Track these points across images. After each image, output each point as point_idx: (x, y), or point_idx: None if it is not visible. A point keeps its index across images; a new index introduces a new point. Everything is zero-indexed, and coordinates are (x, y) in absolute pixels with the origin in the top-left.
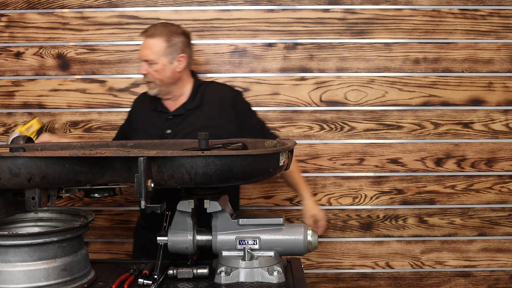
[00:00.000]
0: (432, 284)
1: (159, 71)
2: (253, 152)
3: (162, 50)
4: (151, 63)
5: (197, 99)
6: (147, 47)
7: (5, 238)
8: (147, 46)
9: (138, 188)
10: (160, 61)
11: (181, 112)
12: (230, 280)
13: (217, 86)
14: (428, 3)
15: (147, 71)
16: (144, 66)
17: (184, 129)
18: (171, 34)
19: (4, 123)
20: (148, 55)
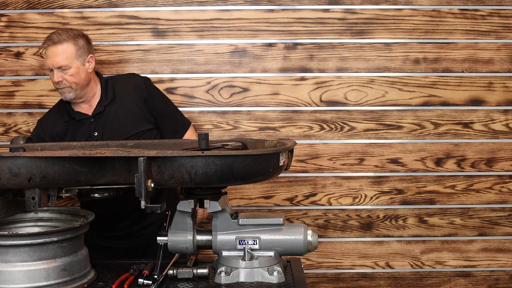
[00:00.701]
0: (432, 284)
1: (74, 75)
2: (253, 152)
3: (73, 54)
4: (65, 68)
5: (110, 93)
6: (58, 54)
7: (5, 238)
8: (57, 53)
9: (138, 188)
10: (73, 64)
11: (100, 110)
12: (230, 280)
13: (124, 77)
14: (428, 3)
15: (61, 77)
16: (57, 73)
17: (108, 126)
18: (76, 37)
19: (4, 123)
20: (61, 62)
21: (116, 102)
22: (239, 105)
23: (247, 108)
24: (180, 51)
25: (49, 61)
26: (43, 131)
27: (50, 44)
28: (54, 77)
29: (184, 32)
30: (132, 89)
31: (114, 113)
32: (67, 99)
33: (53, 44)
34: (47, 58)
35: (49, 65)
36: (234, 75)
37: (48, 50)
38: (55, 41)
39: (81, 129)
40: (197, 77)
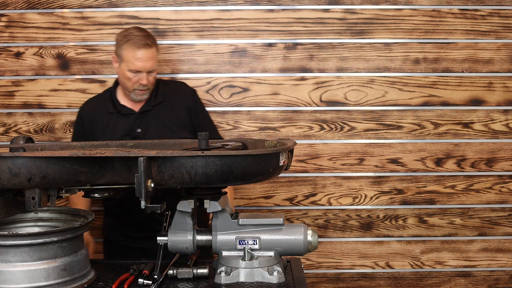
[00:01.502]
0: (432, 284)
1: (154, 77)
2: (253, 152)
3: (157, 58)
4: (151, 71)
5: (160, 95)
6: (150, 58)
7: (5, 238)
8: (150, 56)
9: (138, 188)
10: (156, 67)
11: (148, 109)
12: (230, 280)
13: (176, 84)
14: (428, 3)
15: (149, 81)
16: (146, 77)
17: (153, 125)
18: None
19: (4, 123)
20: (153, 65)
21: (164, 104)
22: (239, 105)
23: (247, 108)
24: (180, 51)
25: (140, 64)
26: (82, 119)
27: (143, 47)
28: (144, 80)
29: (184, 32)
30: (181, 96)
31: (160, 114)
32: (141, 100)
33: (146, 47)
34: (137, 61)
35: (140, 68)
36: (234, 75)
37: (138, 52)
38: (149, 44)
39: (124, 123)
40: (197, 77)
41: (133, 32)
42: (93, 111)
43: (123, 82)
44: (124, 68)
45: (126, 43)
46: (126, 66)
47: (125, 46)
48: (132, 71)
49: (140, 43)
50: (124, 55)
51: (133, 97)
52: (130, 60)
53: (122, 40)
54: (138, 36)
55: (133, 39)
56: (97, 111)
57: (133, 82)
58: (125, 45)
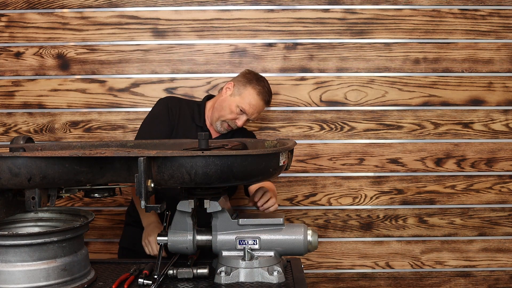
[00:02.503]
0: (432, 284)
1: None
2: (253, 152)
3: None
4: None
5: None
6: (260, 111)
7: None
8: (261, 110)
9: (138, 188)
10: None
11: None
12: (230, 280)
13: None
14: (428, 3)
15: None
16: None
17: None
18: None
19: (4, 123)
20: (256, 118)
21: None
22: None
23: None
24: (180, 51)
25: (252, 110)
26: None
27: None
28: (240, 121)
29: (184, 32)
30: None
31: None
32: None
33: (266, 104)
34: (253, 107)
35: (248, 112)
36: (234, 75)
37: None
38: (269, 101)
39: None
40: (197, 77)
41: (265, 84)
42: (180, 111)
43: (221, 109)
44: (235, 101)
45: (255, 86)
46: (240, 102)
47: (251, 88)
48: (239, 108)
49: (265, 97)
50: (246, 94)
51: (217, 126)
52: (248, 101)
53: (252, 81)
54: (268, 91)
55: (263, 89)
56: (184, 113)
57: (232, 118)
58: (252, 87)
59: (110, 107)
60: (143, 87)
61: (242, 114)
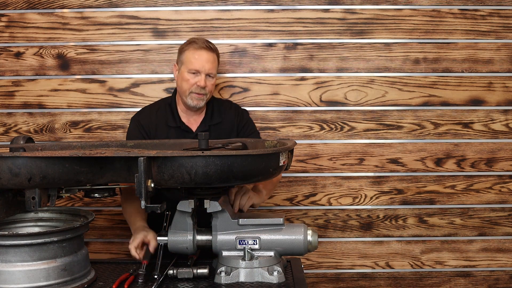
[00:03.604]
0: (432, 284)
1: (213, 85)
2: (253, 152)
3: (217, 65)
4: (210, 76)
5: (216, 115)
6: (210, 61)
7: (5, 238)
8: (210, 59)
9: (138, 188)
10: (215, 75)
11: (204, 129)
12: (230, 280)
13: (226, 105)
14: (428, 3)
15: (206, 84)
16: (205, 78)
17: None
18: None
19: (4, 123)
20: (212, 69)
21: (221, 126)
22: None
23: (247, 108)
24: None
25: (199, 65)
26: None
27: (205, 48)
28: (201, 81)
29: (184, 32)
30: (233, 117)
31: (218, 136)
32: (197, 106)
33: (208, 50)
34: (197, 61)
35: (198, 68)
36: (234, 75)
37: (200, 53)
38: (211, 47)
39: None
40: None
41: (196, 38)
42: (153, 122)
43: (180, 86)
44: (183, 71)
45: (188, 45)
46: (186, 67)
47: (186, 49)
48: (190, 71)
49: (202, 45)
50: (185, 57)
51: (188, 102)
52: (190, 60)
53: (184, 46)
54: (201, 39)
55: (195, 41)
56: (157, 122)
57: (191, 84)
58: (186, 48)
59: (110, 107)
60: (143, 87)
61: (196, 74)
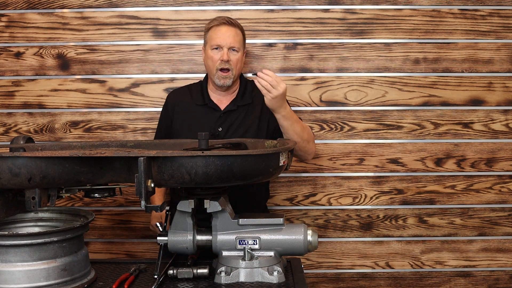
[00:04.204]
0: (432, 284)
1: (239, 60)
2: (253, 152)
3: (242, 41)
4: (235, 50)
5: (247, 96)
6: (233, 35)
7: (5, 238)
8: (233, 34)
9: (138, 188)
10: (240, 50)
11: (232, 108)
12: (230, 280)
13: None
14: (428, 3)
15: (229, 57)
16: (227, 52)
17: (235, 127)
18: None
19: (4, 123)
20: (234, 42)
21: (250, 107)
22: None
23: None
24: (180, 51)
25: (221, 39)
26: (172, 105)
27: (225, 23)
28: (224, 55)
29: (184, 32)
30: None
31: (245, 117)
32: (224, 85)
33: (229, 25)
34: (218, 36)
35: (221, 42)
36: None
37: (220, 28)
38: (232, 22)
39: (208, 119)
40: (197, 77)
41: (218, 16)
42: (180, 98)
43: (207, 66)
44: (207, 50)
45: (209, 24)
46: (209, 45)
47: (208, 28)
48: (213, 47)
49: (222, 21)
50: (208, 36)
51: (216, 82)
52: (211, 37)
53: (207, 26)
54: (222, 16)
55: (216, 19)
56: (185, 99)
57: (215, 61)
58: (208, 27)
59: (110, 107)
60: (143, 87)
61: (219, 49)
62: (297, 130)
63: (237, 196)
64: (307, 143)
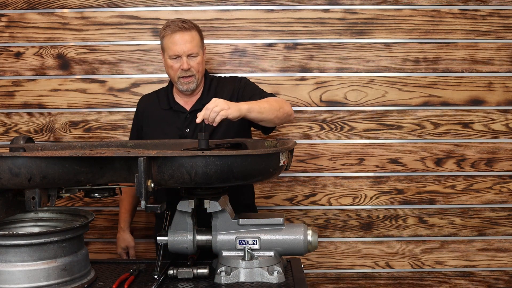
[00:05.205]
0: (432, 284)
1: (200, 64)
2: (253, 152)
3: (199, 42)
4: (193, 56)
5: (211, 93)
6: (189, 41)
7: (5, 238)
8: (189, 39)
9: (138, 188)
10: (200, 53)
11: (198, 108)
12: (230, 280)
13: (227, 80)
14: (428, 3)
15: (190, 65)
16: (187, 60)
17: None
18: (198, 27)
19: (4, 123)
20: (191, 49)
21: None
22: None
23: None
24: None
25: (178, 47)
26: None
27: (179, 30)
28: (184, 64)
29: None
30: (230, 90)
31: None
32: (188, 90)
33: (183, 30)
34: (175, 45)
35: (177, 51)
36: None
37: (175, 36)
38: (186, 27)
39: (175, 122)
40: None
41: (170, 21)
42: (148, 104)
43: (168, 74)
44: (166, 58)
45: (163, 31)
46: (167, 54)
47: (163, 35)
48: (171, 58)
49: (175, 28)
50: (164, 44)
51: (180, 88)
52: (168, 47)
53: (161, 32)
54: (174, 21)
55: (169, 25)
56: (152, 105)
57: (175, 70)
58: (163, 34)
59: (110, 107)
60: (143, 87)
61: (177, 58)
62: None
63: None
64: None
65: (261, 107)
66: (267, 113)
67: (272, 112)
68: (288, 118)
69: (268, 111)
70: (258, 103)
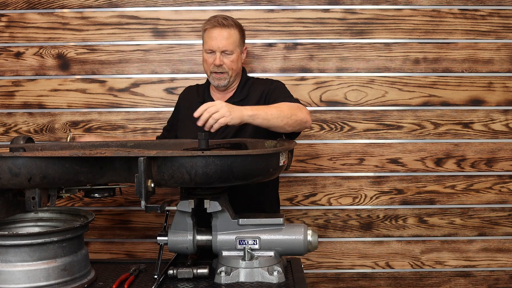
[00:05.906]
0: (432, 284)
1: (234, 62)
2: (253, 152)
3: (238, 41)
4: (228, 53)
5: (244, 92)
6: (226, 38)
7: (5, 238)
8: (226, 36)
9: (138, 188)
10: (236, 51)
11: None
12: (230, 280)
13: (263, 81)
14: (428, 3)
15: (222, 61)
16: (219, 56)
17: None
18: (240, 25)
19: (4, 123)
20: (227, 46)
21: (245, 102)
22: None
23: None
24: (180, 51)
25: (213, 42)
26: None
27: (218, 25)
28: (216, 60)
29: (184, 32)
30: (261, 91)
31: None
32: (220, 86)
33: (222, 27)
34: (211, 40)
35: (212, 46)
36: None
37: (213, 31)
38: (225, 24)
39: None
40: (197, 77)
41: (213, 16)
42: (187, 96)
43: (204, 67)
44: (203, 52)
45: (205, 24)
46: (204, 48)
47: (204, 29)
48: (207, 52)
49: (215, 23)
50: (203, 37)
51: (212, 83)
52: (205, 41)
53: (203, 25)
54: (216, 17)
55: (211, 20)
56: (190, 97)
57: (209, 64)
58: (204, 28)
59: (110, 107)
60: (143, 87)
61: (212, 53)
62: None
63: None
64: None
65: (267, 113)
66: (274, 120)
67: (281, 119)
68: (303, 125)
69: (275, 118)
70: (266, 109)
